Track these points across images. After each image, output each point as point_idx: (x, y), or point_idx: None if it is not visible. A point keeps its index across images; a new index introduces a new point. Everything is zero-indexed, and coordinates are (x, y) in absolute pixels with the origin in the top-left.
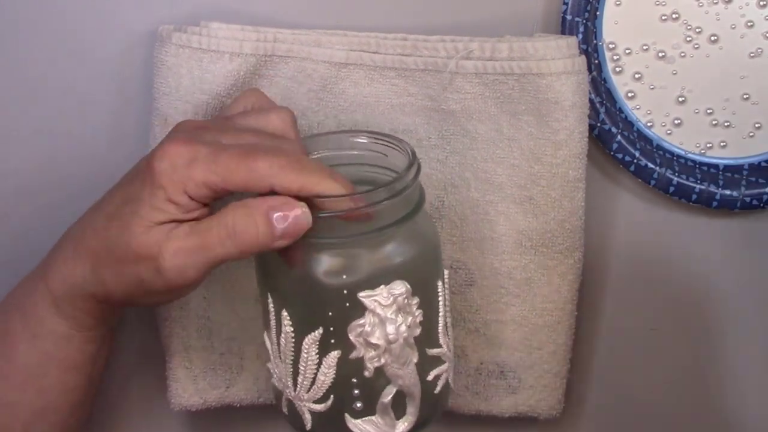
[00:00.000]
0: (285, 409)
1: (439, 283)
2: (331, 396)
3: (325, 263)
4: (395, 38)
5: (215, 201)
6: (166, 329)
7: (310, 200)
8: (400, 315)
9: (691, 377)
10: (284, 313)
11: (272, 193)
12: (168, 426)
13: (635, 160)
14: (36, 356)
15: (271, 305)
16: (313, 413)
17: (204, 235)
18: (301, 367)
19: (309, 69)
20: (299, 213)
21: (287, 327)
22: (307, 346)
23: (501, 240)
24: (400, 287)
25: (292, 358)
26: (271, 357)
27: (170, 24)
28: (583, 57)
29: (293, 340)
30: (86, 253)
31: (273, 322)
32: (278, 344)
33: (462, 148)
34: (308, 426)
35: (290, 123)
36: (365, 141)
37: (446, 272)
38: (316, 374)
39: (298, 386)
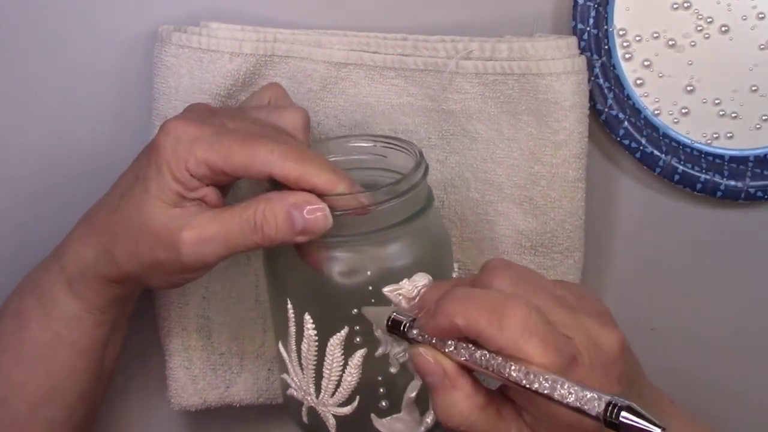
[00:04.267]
0: (306, 419)
1: (454, 275)
2: (357, 397)
3: (347, 261)
4: (395, 38)
5: (218, 184)
6: (165, 329)
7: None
8: None
9: (691, 377)
10: (306, 317)
11: (271, 180)
12: (168, 426)
13: (641, 147)
14: (46, 336)
15: (290, 311)
16: (337, 418)
17: (225, 225)
18: (326, 371)
19: (309, 69)
20: (320, 211)
21: (310, 330)
22: (332, 348)
23: (501, 240)
24: (423, 279)
25: (315, 363)
26: (289, 366)
27: (170, 24)
28: (583, 57)
29: (316, 343)
30: (100, 233)
31: (293, 329)
32: (298, 351)
33: (462, 149)
34: None
35: (302, 123)
36: (372, 145)
37: (456, 266)
38: (341, 376)
39: (322, 391)
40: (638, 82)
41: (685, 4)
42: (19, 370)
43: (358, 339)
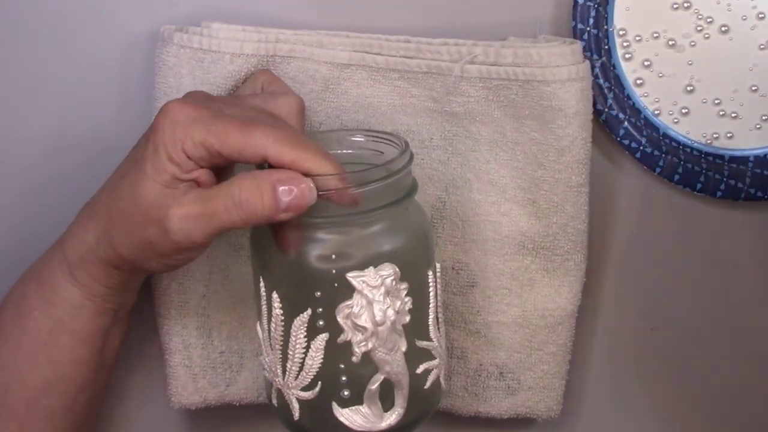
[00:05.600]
0: (274, 400)
1: (430, 274)
2: (319, 383)
3: (315, 243)
4: (398, 40)
5: (213, 167)
6: (165, 327)
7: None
8: (388, 298)
9: (691, 377)
10: (274, 295)
11: (267, 163)
12: (168, 425)
13: (641, 147)
14: (48, 323)
15: (263, 289)
16: (301, 402)
17: (211, 203)
18: (290, 352)
19: (311, 69)
20: (305, 188)
21: (277, 309)
22: (295, 329)
23: (504, 241)
24: (388, 269)
25: (281, 343)
26: (263, 346)
27: (172, 24)
28: (587, 63)
29: (283, 323)
30: (99, 215)
31: (264, 307)
32: (269, 330)
33: (464, 150)
34: (296, 416)
35: (296, 110)
36: (361, 139)
37: (438, 266)
38: (304, 359)
39: (287, 373)
40: (638, 82)
41: (685, 4)
42: (20, 357)
43: (320, 323)
